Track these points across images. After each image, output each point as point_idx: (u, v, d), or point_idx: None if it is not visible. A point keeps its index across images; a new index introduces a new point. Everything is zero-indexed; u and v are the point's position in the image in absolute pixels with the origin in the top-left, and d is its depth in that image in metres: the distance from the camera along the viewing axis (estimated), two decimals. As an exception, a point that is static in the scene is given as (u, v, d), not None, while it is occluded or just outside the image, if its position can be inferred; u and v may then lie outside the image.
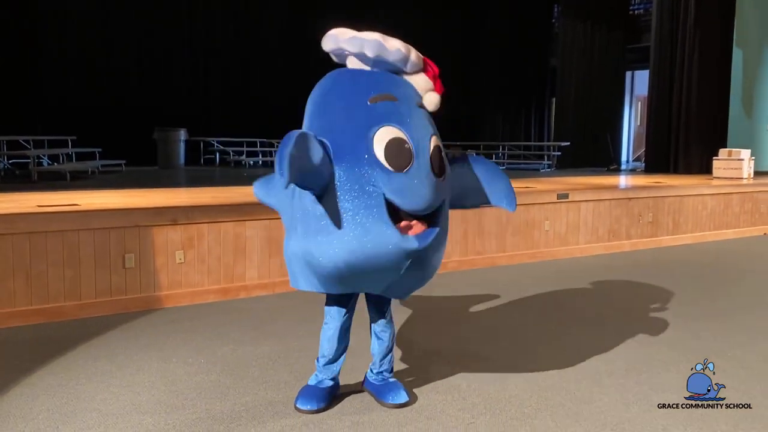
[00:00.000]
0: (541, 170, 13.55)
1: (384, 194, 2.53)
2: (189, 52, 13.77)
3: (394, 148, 2.55)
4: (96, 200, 5.51)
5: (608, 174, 12.12)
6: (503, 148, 15.39)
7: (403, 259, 2.58)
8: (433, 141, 2.67)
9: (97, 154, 10.85)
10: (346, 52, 2.81)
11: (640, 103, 18.62)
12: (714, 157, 10.48)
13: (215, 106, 13.67)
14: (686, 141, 11.83)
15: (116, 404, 3.02)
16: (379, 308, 3.02)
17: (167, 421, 2.85)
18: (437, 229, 2.67)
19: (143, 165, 11.83)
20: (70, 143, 10.85)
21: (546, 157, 14.66)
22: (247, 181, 2.81)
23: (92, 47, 12.59)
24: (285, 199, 2.81)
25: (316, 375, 3.04)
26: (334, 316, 2.96)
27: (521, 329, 4.35)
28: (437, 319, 4.53)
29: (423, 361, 3.64)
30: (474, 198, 2.98)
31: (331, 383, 3.03)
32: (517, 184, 7.93)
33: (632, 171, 13.30)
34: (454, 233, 6.22)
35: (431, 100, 2.77)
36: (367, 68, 2.80)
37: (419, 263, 2.65)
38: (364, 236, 2.51)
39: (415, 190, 2.56)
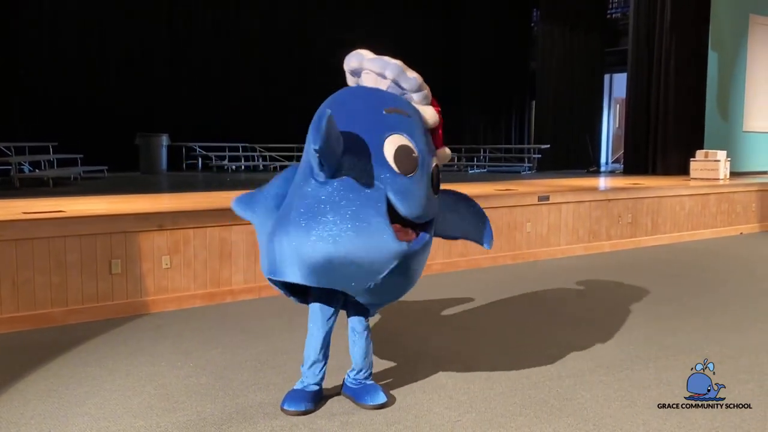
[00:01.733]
0: (522, 172, 13.71)
1: (386, 193, 2.65)
2: (170, 58, 13.75)
3: (402, 153, 2.70)
4: (81, 207, 5.52)
5: (588, 176, 12.28)
6: (484, 151, 15.53)
7: (391, 259, 2.65)
8: (434, 161, 2.89)
9: (79, 161, 10.82)
10: (368, 70, 2.97)
11: (618, 105, 18.86)
12: (691, 159, 10.67)
13: (197, 111, 13.66)
14: (664, 143, 12.03)
15: (107, 408, 3.06)
16: (358, 317, 3.08)
17: (159, 424, 2.89)
18: (427, 236, 2.82)
19: (125, 171, 11.81)
20: (51, 149, 10.79)
21: (526, 160, 14.84)
22: (231, 186, 2.87)
23: (72, 53, 12.53)
24: (264, 213, 2.94)
25: (301, 380, 3.10)
26: (316, 323, 3.02)
27: (505, 329, 4.43)
28: (422, 320, 4.60)
29: (409, 361, 3.71)
30: (455, 230, 3.19)
31: (316, 388, 3.09)
32: (498, 187, 8.11)
33: (611, 173, 13.48)
34: (437, 236, 6.30)
35: (431, 116, 2.97)
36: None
37: (404, 268, 2.74)
38: (363, 228, 2.59)
39: (415, 196, 2.71)
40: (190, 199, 6.26)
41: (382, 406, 3.05)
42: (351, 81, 3.11)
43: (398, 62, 2.93)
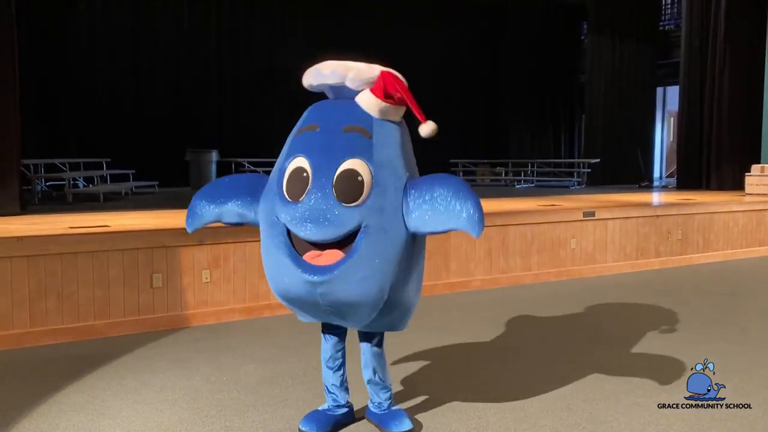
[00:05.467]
0: (571, 187, 13.49)
1: (285, 225, 2.62)
2: (219, 75, 14.04)
3: (292, 177, 2.64)
4: (126, 221, 5.66)
5: (639, 191, 12.00)
6: (532, 166, 15.34)
7: (310, 289, 2.57)
8: (346, 165, 2.58)
9: (131, 176, 11.11)
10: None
11: (673, 119, 18.42)
12: (746, 174, 10.33)
13: (246, 127, 13.90)
14: (718, 157, 11.68)
15: (138, 421, 3.11)
16: (365, 344, 2.97)
17: (187, 438, 2.92)
18: (349, 259, 2.55)
19: (176, 186, 12.06)
20: (104, 165, 11.12)
21: (576, 174, 14.59)
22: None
23: (125, 71, 12.89)
24: None
25: (326, 402, 3.07)
26: (323, 344, 3.01)
27: (543, 349, 4.34)
28: (457, 337, 4.54)
29: (440, 380, 3.67)
30: (434, 223, 2.60)
31: (338, 411, 3.03)
32: (543, 202, 7.98)
33: (664, 188, 13.16)
34: (477, 251, 6.24)
35: (369, 103, 2.68)
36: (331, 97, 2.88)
37: (334, 295, 2.57)
38: (277, 267, 2.66)
39: (310, 219, 2.55)
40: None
41: None
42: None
43: (317, 65, 2.76)
